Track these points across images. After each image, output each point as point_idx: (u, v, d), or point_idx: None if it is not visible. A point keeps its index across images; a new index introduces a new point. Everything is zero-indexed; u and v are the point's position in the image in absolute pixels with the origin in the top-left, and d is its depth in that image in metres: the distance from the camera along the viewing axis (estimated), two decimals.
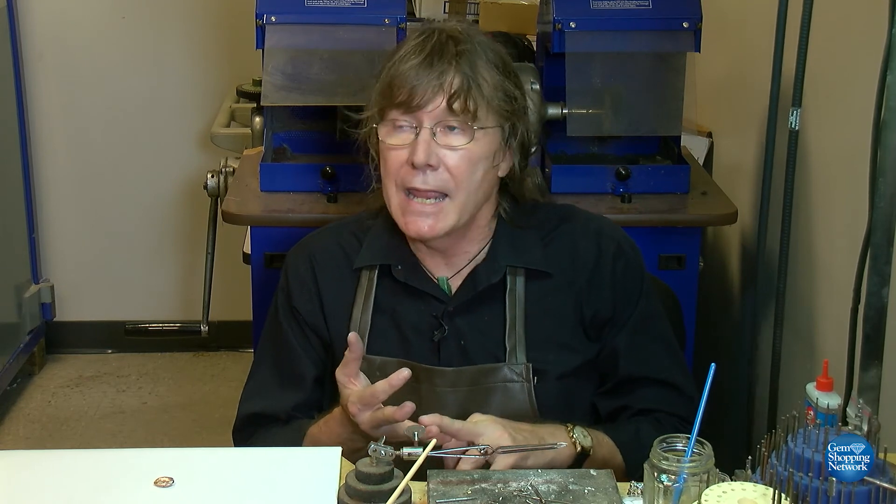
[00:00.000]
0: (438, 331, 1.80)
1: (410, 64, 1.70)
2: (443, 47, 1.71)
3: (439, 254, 1.82)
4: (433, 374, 1.76)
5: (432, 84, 1.69)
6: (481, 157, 1.73)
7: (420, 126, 1.71)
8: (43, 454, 1.84)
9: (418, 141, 1.71)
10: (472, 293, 1.80)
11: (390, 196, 1.76)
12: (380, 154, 1.77)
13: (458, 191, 1.72)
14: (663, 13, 2.48)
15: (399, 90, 1.70)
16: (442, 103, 1.70)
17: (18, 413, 3.70)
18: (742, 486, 1.32)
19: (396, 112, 1.72)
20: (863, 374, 1.62)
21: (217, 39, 3.87)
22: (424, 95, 1.69)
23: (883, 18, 1.60)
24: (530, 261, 1.81)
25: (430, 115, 1.70)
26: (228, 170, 2.97)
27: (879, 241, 1.60)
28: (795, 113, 2.21)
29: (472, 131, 1.71)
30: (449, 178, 1.72)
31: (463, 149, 1.72)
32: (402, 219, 1.75)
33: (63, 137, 3.93)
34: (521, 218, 1.84)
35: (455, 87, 1.70)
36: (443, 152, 1.71)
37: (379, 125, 1.75)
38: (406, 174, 1.72)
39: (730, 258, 2.88)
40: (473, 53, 1.73)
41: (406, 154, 1.72)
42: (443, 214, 1.73)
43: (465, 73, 1.70)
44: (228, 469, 1.56)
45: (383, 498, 1.36)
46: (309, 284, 1.86)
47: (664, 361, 1.83)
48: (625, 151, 2.66)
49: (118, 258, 4.05)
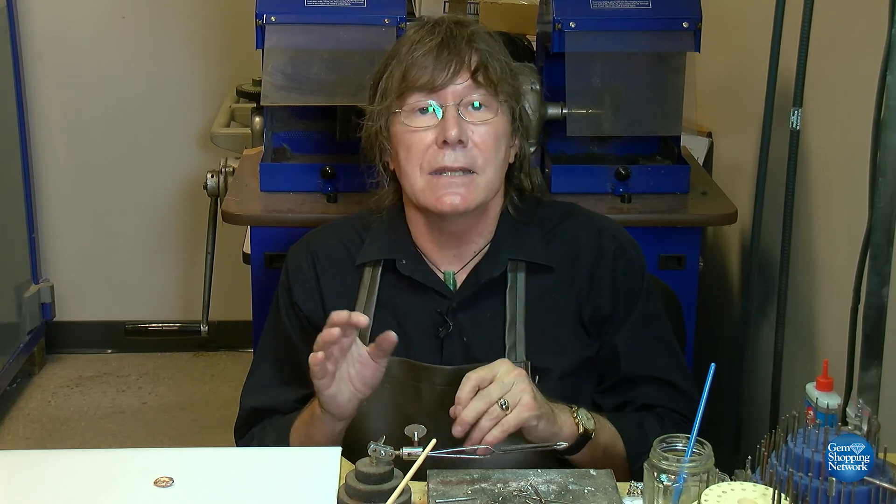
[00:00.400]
0: (443, 327, 1.80)
1: (426, 48, 1.73)
2: (453, 30, 1.75)
3: (452, 243, 1.82)
4: (433, 373, 1.77)
5: (454, 61, 1.73)
6: (502, 133, 1.77)
7: (445, 104, 1.73)
8: (43, 454, 1.85)
9: (447, 118, 1.72)
10: (474, 287, 1.81)
11: (414, 181, 1.76)
12: (396, 143, 1.77)
13: (485, 166, 1.74)
14: (663, 13, 2.48)
15: (419, 73, 1.73)
16: (466, 79, 1.73)
17: (18, 413, 3.70)
18: (742, 486, 1.32)
19: (419, 95, 1.74)
20: (863, 374, 1.62)
21: (217, 39, 3.87)
22: (448, 73, 1.72)
23: (883, 18, 1.60)
24: (533, 255, 1.82)
25: (454, 92, 1.73)
26: (228, 170, 2.97)
27: (879, 241, 1.60)
28: (797, 113, 2.21)
29: (496, 104, 1.75)
30: (477, 153, 1.74)
31: (489, 123, 1.74)
32: (433, 195, 1.74)
33: (63, 137, 3.93)
34: (525, 214, 1.85)
35: (476, 63, 1.74)
36: (470, 128, 1.74)
37: (400, 112, 1.75)
38: (433, 154, 1.73)
39: (730, 258, 2.88)
40: (483, 34, 1.78)
41: (432, 135, 1.73)
42: (473, 186, 1.74)
43: (481, 49, 1.74)
44: (228, 469, 1.56)
45: (383, 498, 1.37)
46: (310, 281, 1.86)
47: (664, 361, 1.84)
48: (625, 151, 2.66)
49: (118, 258, 4.05)
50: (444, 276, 1.83)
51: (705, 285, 2.68)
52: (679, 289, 2.18)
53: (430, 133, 1.74)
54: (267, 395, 1.87)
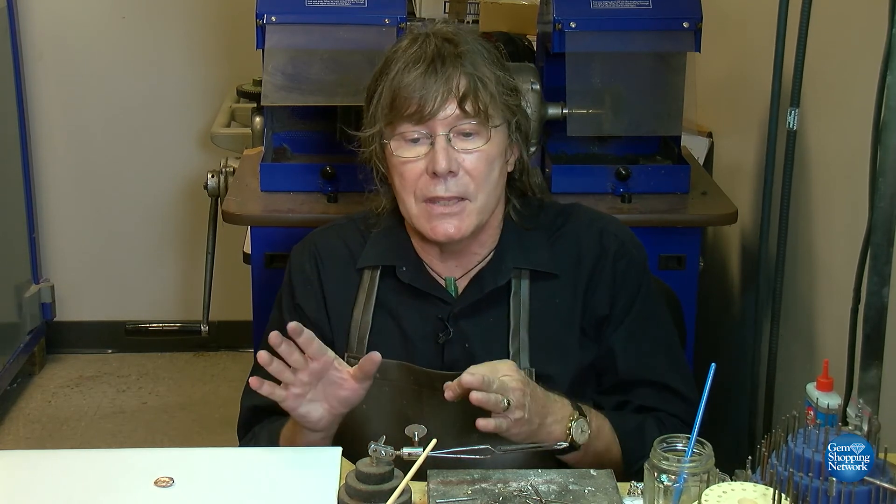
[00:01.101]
0: (443, 333, 1.78)
1: (414, 74, 1.69)
2: (441, 51, 1.70)
3: (452, 256, 1.81)
4: (435, 379, 1.74)
5: (441, 90, 1.68)
6: (496, 156, 1.73)
7: (434, 134, 1.70)
8: (43, 454, 1.85)
9: (436, 149, 1.69)
10: (477, 295, 1.79)
11: (409, 208, 1.74)
12: (390, 168, 1.75)
13: (477, 193, 1.72)
14: (663, 13, 2.48)
15: (407, 102, 1.69)
16: (454, 108, 1.69)
17: (18, 413, 3.70)
18: (742, 486, 1.32)
19: (407, 125, 1.71)
20: (863, 374, 1.62)
21: (217, 39, 3.87)
22: (435, 103, 1.68)
23: (883, 18, 1.60)
24: (537, 262, 1.80)
25: (443, 122, 1.69)
26: (228, 170, 2.97)
27: (879, 241, 1.60)
28: (793, 113, 2.21)
29: (487, 131, 1.71)
30: (469, 181, 1.71)
31: (480, 150, 1.71)
32: (428, 225, 1.73)
33: (63, 137, 3.93)
34: (529, 218, 1.83)
35: (463, 89, 1.69)
36: (461, 157, 1.70)
37: (390, 140, 1.73)
38: (426, 184, 1.71)
39: (730, 258, 2.88)
40: (473, 52, 1.72)
41: (423, 165, 1.71)
42: (465, 214, 1.72)
43: (470, 73, 1.70)
44: (228, 469, 1.56)
45: (383, 498, 1.37)
46: (313, 282, 1.85)
47: (662, 364, 1.82)
48: (625, 151, 2.66)
49: (118, 258, 4.05)
50: (446, 282, 1.81)
51: (705, 285, 2.68)
52: (679, 289, 2.18)
53: (420, 163, 1.71)
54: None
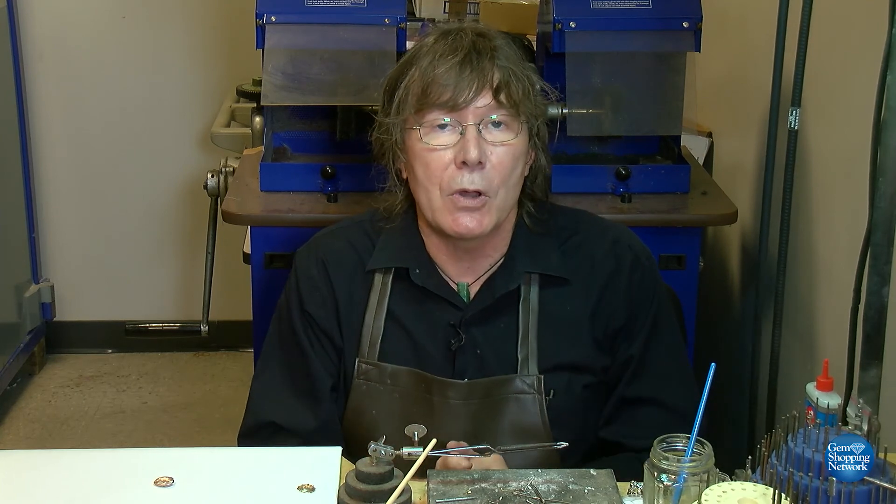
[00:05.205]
0: (455, 339, 1.77)
1: (449, 64, 1.69)
2: (476, 45, 1.71)
3: (466, 256, 1.79)
4: (446, 387, 1.74)
5: (476, 80, 1.68)
6: (520, 154, 1.73)
7: (465, 124, 1.69)
8: (43, 454, 1.84)
9: (467, 138, 1.69)
10: (489, 300, 1.78)
11: (431, 199, 1.73)
12: (413, 158, 1.74)
13: (499, 188, 1.71)
14: (663, 13, 2.47)
15: (441, 90, 1.68)
16: (487, 99, 1.69)
17: (18, 413, 3.70)
18: (742, 486, 1.32)
19: (438, 112, 1.70)
20: (863, 373, 1.62)
21: (217, 39, 3.87)
22: (470, 92, 1.68)
23: (883, 18, 1.60)
24: (547, 266, 1.79)
25: (475, 112, 1.69)
26: (228, 170, 2.97)
27: (879, 241, 1.60)
28: (794, 113, 2.21)
29: (517, 125, 1.71)
30: (494, 175, 1.70)
31: (509, 144, 1.71)
32: (450, 216, 1.71)
33: (63, 137, 3.93)
34: (540, 223, 1.82)
35: (498, 81, 1.69)
36: (489, 150, 1.70)
37: (418, 128, 1.72)
38: (452, 175, 1.70)
39: (730, 258, 2.88)
40: (506, 48, 1.73)
41: (450, 155, 1.70)
42: (486, 210, 1.71)
43: (504, 67, 1.70)
44: (228, 469, 1.56)
45: (383, 498, 1.37)
46: (322, 289, 1.82)
47: (674, 381, 1.80)
48: (625, 151, 2.66)
49: (118, 258, 4.05)
50: (458, 287, 1.80)
51: (705, 285, 2.68)
52: (679, 289, 2.18)
53: (448, 152, 1.70)
54: (281, 409, 1.80)
